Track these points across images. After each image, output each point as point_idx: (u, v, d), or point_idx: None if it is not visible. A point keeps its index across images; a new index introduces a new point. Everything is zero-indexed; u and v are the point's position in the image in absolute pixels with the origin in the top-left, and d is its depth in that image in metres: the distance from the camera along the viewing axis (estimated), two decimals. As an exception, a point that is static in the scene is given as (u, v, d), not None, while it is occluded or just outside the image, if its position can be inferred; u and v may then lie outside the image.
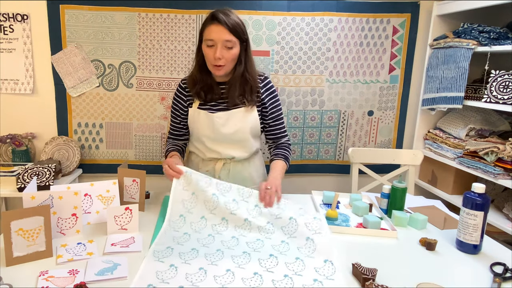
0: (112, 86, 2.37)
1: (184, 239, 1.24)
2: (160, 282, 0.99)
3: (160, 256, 1.11)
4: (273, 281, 1.02)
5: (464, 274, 1.10)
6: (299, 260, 1.13)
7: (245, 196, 1.39)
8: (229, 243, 1.22)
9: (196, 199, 1.36)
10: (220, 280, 1.02)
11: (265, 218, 1.32)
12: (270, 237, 1.26)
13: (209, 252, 1.15)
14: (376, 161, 2.20)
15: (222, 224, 1.31)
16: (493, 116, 2.20)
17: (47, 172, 2.02)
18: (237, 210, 1.33)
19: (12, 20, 2.25)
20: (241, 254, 1.15)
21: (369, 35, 2.41)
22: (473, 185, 1.20)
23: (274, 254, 1.16)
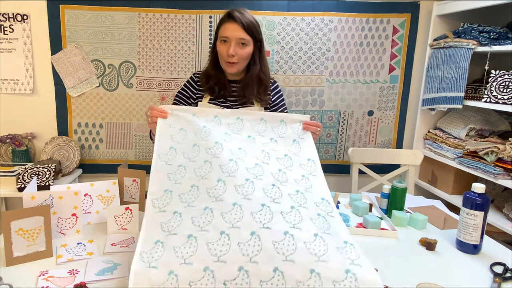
0: (112, 86, 2.37)
1: (180, 174, 1.12)
2: (167, 234, 0.93)
3: (160, 206, 1.03)
4: (281, 213, 0.98)
5: (464, 274, 1.10)
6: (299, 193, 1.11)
7: (236, 130, 1.30)
8: (228, 167, 1.11)
9: (185, 132, 1.25)
10: (228, 218, 0.95)
11: (258, 149, 1.24)
12: (268, 162, 1.19)
13: (210, 186, 1.06)
14: (376, 161, 2.20)
15: (216, 147, 1.18)
16: (493, 116, 2.20)
17: (47, 172, 2.02)
18: (230, 141, 1.24)
19: (12, 20, 2.25)
20: (244, 182, 1.07)
21: (369, 35, 2.41)
22: (473, 185, 1.20)
23: (276, 184, 1.10)
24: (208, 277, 0.85)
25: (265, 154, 1.22)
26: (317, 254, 0.89)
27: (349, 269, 0.88)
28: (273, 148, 1.26)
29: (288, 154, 1.25)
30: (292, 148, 1.28)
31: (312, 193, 1.13)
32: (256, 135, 1.29)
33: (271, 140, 1.29)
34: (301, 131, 1.33)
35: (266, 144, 1.27)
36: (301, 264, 0.88)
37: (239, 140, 1.26)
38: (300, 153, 1.27)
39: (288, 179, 1.14)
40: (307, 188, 1.14)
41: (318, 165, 1.25)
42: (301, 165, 1.23)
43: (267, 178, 1.11)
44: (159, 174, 1.13)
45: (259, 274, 0.86)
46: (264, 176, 1.11)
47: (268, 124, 1.33)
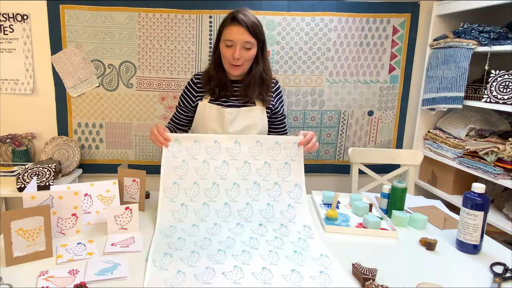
0: (112, 86, 2.37)
1: (182, 213, 1.35)
2: (174, 250, 1.14)
3: (167, 234, 1.25)
4: (267, 241, 1.23)
5: (464, 274, 1.09)
6: (283, 227, 1.33)
7: (234, 155, 1.43)
8: (223, 212, 1.36)
9: (187, 166, 1.41)
10: (215, 258, 1.12)
11: (252, 178, 1.42)
12: (258, 199, 1.39)
13: (208, 227, 1.30)
14: (376, 161, 2.20)
15: (213, 189, 1.39)
16: (493, 116, 2.20)
17: (47, 172, 2.02)
18: (227, 173, 1.41)
19: (12, 20, 2.25)
20: (235, 226, 1.32)
21: (369, 35, 2.41)
22: (473, 185, 1.20)
23: (263, 223, 1.34)
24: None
25: (256, 187, 1.41)
26: (293, 281, 1.04)
27: (320, 255, 1.15)
28: (265, 176, 1.42)
29: (278, 182, 1.42)
30: (282, 173, 1.43)
31: (295, 223, 1.35)
32: (252, 160, 1.43)
33: (265, 163, 1.43)
34: (293, 153, 1.44)
35: (260, 169, 1.42)
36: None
37: (235, 170, 1.41)
38: (289, 178, 1.42)
39: (274, 214, 1.37)
40: (291, 219, 1.36)
41: (303, 191, 1.42)
42: (288, 193, 1.41)
43: (255, 219, 1.35)
44: (165, 210, 1.35)
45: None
46: (253, 218, 1.36)
47: (263, 146, 1.44)
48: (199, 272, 1.04)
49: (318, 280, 1.02)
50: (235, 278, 1.01)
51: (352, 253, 1.17)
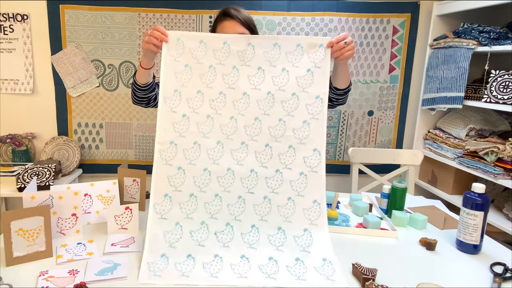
0: (112, 86, 2.37)
1: (184, 126, 1.19)
2: (173, 189, 1.16)
3: (167, 158, 1.18)
4: (265, 178, 1.19)
5: (464, 274, 1.09)
6: (291, 148, 1.20)
7: (246, 59, 1.22)
8: (228, 128, 1.20)
9: (190, 71, 1.22)
10: (222, 182, 1.17)
11: (266, 87, 1.21)
12: (269, 113, 1.20)
13: (210, 147, 1.19)
14: (376, 161, 2.20)
15: (219, 100, 1.21)
16: (493, 116, 2.20)
17: (47, 172, 2.02)
18: (236, 82, 1.22)
19: (12, 20, 2.25)
20: (239, 146, 1.19)
21: (369, 35, 2.41)
22: (473, 185, 1.20)
23: (269, 143, 1.20)
24: (204, 229, 1.15)
25: (270, 98, 1.20)
26: (285, 216, 1.17)
27: (307, 228, 1.17)
28: (281, 85, 1.21)
29: (296, 92, 1.20)
30: (303, 82, 1.21)
31: (305, 144, 1.20)
32: (268, 66, 1.21)
33: (283, 71, 1.21)
34: (318, 58, 1.22)
35: (276, 77, 1.21)
36: (272, 222, 1.17)
37: (246, 77, 1.21)
38: (310, 88, 1.21)
39: (285, 132, 1.20)
40: (301, 140, 1.20)
41: (324, 105, 1.21)
42: (306, 106, 1.20)
43: (262, 138, 1.20)
44: (166, 122, 1.20)
45: (241, 228, 1.16)
46: (260, 135, 1.20)
47: (282, 50, 1.22)
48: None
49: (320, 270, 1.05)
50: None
51: (352, 253, 1.17)
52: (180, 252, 1.09)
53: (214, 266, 1.04)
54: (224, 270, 1.03)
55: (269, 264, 1.06)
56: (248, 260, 1.07)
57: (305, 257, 1.10)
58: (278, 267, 1.06)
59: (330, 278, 1.02)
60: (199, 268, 1.03)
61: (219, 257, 1.07)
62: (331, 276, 1.03)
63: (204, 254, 1.08)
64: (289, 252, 1.11)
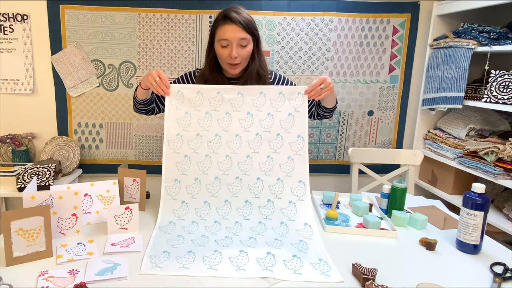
0: (112, 86, 2.37)
1: (186, 165, 1.40)
2: (177, 219, 1.35)
3: (172, 193, 1.39)
4: (259, 207, 1.38)
5: (464, 274, 1.09)
6: (279, 181, 1.39)
7: (237, 106, 1.42)
8: (224, 165, 1.40)
9: (190, 117, 1.42)
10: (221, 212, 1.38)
11: (254, 129, 1.42)
12: (259, 151, 1.41)
13: (209, 182, 1.40)
14: (376, 161, 2.20)
15: (216, 141, 1.41)
16: (493, 116, 2.20)
17: (47, 172, 2.02)
18: (230, 125, 1.42)
19: (12, 20, 2.25)
20: (234, 181, 1.39)
21: (369, 35, 2.41)
22: (473, 185, 1.20)
23: (260, 177, 1.40)
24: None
25: (258, 139, 1.41)
26: (280, 233, 1.30)
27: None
28: (267, 127, 1.41)
29: (280, 133, 1.41)
30: (286, 124, 1.41)
31: (292, 177, 1.39)
32: (255, 111, 1.42)
33: (268, 115, 1.41)
34: (298, 104, 1.41)
35: (263, 121, 1.41)
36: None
37: (238, 121, 1.41)
38: (292, 129, 1.41)
39: (273, 167, 1.40)
40: (288, 173, 1.40)
41: (305, 142, 1.40)
42: (290, 144, 1.40)
43: (253, 172, 1.40)
44: (170, 162, 1.41)
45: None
46: (252, 170, 1.40)
47: (267, 97, 1.42)
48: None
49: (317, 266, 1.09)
50: (240, 264, 1.09)
51: (352, 253, 1.17)
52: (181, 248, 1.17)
53: (213, 259, 1.10)
54: (223, 263, 1.08)
55: (267, 257, 1.10)
56: (246, 254, 1.12)
57: (302, 254, 1.13)
58: (275, 260, 1.09)
59: (326, 274, 1.05)
60: (199, 261, 1.09)
61: (218, 252, 1.13)
62: (326, 272, 1.06)
63: (204, 249, 1.16)
64: (286, 247, 1.17)
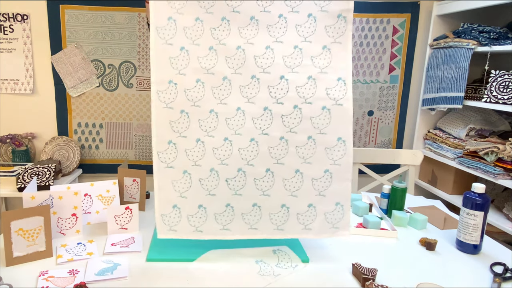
0: (112, 86, 2.37)
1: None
2: (177, 136, 1.03)
3: (166, 101, 1.02)
4: (282, 116, 1.05)
5: (464, 274, 1.09)
6: None
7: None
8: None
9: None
10: (231, 124, 1.04)
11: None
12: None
13: (215, 85, 1.04)
14: (376, 161, 2.19)
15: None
16: (493, 116, 2.20)
17: (47, 172, 2.02)
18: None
19: (12, 20, 2.25)
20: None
21: (369, 35, 2.41)
22: (473, 185, 1.20)
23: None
24: (214, 176, 1.04)
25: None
26: (304, 157, 1.05)
27: (328, 169, 1.08)
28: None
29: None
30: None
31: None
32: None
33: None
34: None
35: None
36: (289, 165, 1.05)
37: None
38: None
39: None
40: None
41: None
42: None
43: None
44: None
45: (254, 173, 1.04)
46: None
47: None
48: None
49: None
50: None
51: (352, 253, 1.17)
52: (191, 202, 1.05)
53: (225, 217, 1.04)
54: (236, 220, 1.04)
55: (281, 212, 1.04)
56: (260, 209, 1.04)
57: (318, 202, 1.05)
58: (288, 215, 1.04)
59: (335, 226, 1.03)
60: (211, 220, 1.04)
61: (230, 207, 1.05)
62: (337, 223, 1.04)
63: (215, 204, 1.04)
64: (303, 198, 1.06)
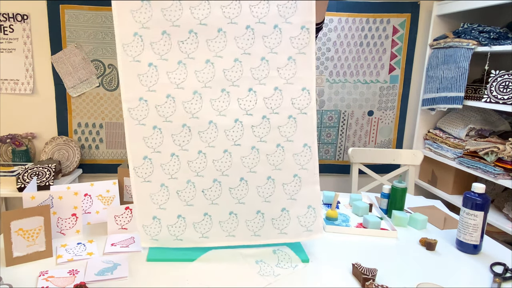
0: (112, 86, 2.37)
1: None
2: (152, 151, 1.07)
3: (138, 118, 1.05)
4: (252, 127, 1.09)
5: (464, 274, 1.09)
6: None
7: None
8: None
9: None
10: (204, 137, 1.08)
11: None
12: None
13: (186, 100, 1.06)
14: (376, 161, 2.20)
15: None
16: (493, 116, 2.20)
17: (47, 172, 2.02)
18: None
19: (12, 20, 2.25)
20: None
21: (369, 35, 2.41)
22: (473, 185, 1.20)
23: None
24: (190, 187, 1.10)
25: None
26: (274, 164, 1.11)
27: (296, 174, 1.12)
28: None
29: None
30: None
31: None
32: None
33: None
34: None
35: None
36: (261, 173, 1.10)
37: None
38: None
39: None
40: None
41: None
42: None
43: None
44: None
45: (229, 183, 1.10)
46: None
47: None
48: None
49: None
50: (229, 229, 1.10)
51: (352, 253, 1.17)
52: (170, 213, 1.11)
53: (204, 226, 1.11)
54: (214, 228, 1.10)
55: (256, 218, 1.11)
56: (236, 216, 1.11)
57: (290, 206, 1.13)
58: (264, 220, 1.12)
59: (309, 229, 1.12)
60: (190, 229, 1.10)
61: (208, 215, 1.11)
62: (310, 226, 1.12)
63: (193, 213, 1.11)
64: (276, 203, 1.13)
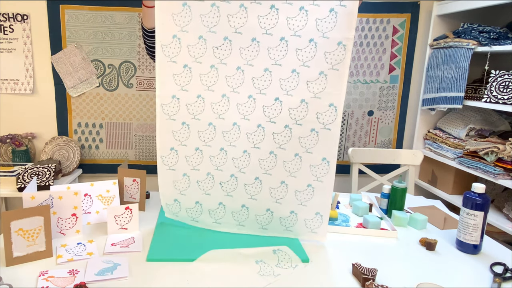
0: (112, 86, 2.37)
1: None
2: (178, 144, 1.18)
3: (170, 113, 1.16)
4: (273, 134, 1.15)
5: (464, 274, 1.10)
6: None
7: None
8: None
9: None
10: (228, 137, 1.16)
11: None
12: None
13: (215, 101, 1.13)
14: (376, 161, 2.19)
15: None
16: (493, 116, 2.20)
17: (47, 172, 2.02)
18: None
19: (12, 20, 2.25)
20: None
21: (369, 35, 2.41)
22: (473, 185, 1.20)
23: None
24: (210, 179, 1.20)
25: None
26: (290, 171, 1.16)
27: (311, 184, 1.16)
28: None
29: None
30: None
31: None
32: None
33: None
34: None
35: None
36: (275, 176, 1.16)
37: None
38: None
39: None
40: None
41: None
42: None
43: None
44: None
45: (245, 179, 1.18)
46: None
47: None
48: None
49: None
50: (240, 219, 1.21)
51: (352, 253, 1.17)
52: (189, 198, 1.23)
53: (218, 213, 1.22)
54: (227, 216, 1.21)
55: (265, 214, 1.18)
56: (247, 209, 1.20)
57: (300, 210, 1.19)
58: (272, 218, 1.19)
59: (314, 231, 1.18)
60: (206, 214, 1.22)
61: (222, 205, 1.22)
62: (316, 228, 1.18)
63: (210, 201, 1.22)
64: (286, 205, 1.19)
